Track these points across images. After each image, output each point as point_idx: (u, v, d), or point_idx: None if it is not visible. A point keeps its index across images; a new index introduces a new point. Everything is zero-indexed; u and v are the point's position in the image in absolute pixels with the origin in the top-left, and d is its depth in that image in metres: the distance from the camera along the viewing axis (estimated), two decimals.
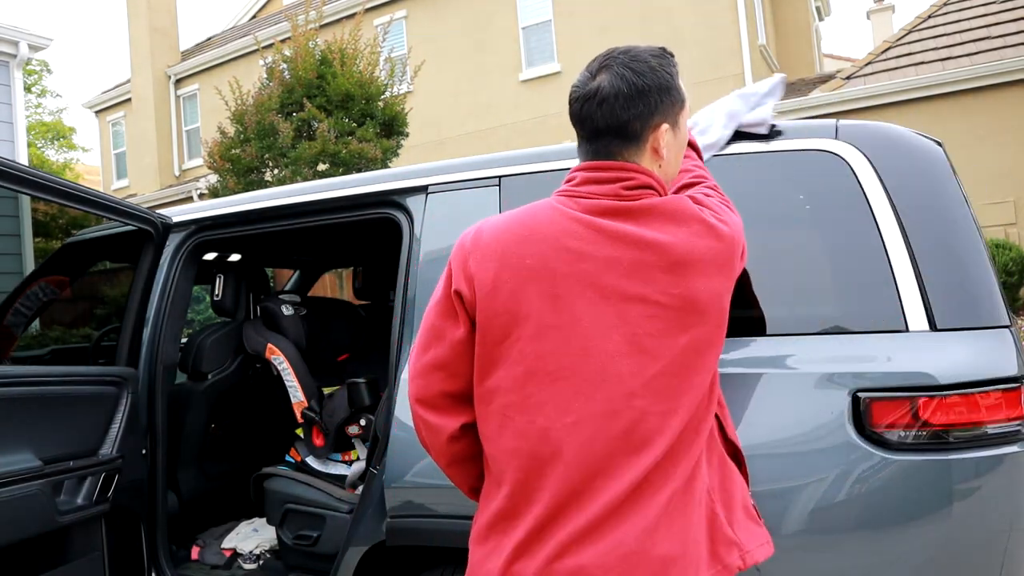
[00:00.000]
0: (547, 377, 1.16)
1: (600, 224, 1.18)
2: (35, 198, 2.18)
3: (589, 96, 1.21)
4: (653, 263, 1.16)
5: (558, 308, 1.16)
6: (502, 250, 1.20)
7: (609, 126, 1.21)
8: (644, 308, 1.15)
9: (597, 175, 1.22)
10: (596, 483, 1.14)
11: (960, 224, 1.64)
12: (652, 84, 1.21)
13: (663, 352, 1.16)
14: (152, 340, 2.51)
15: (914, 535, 1.48)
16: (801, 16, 13.99)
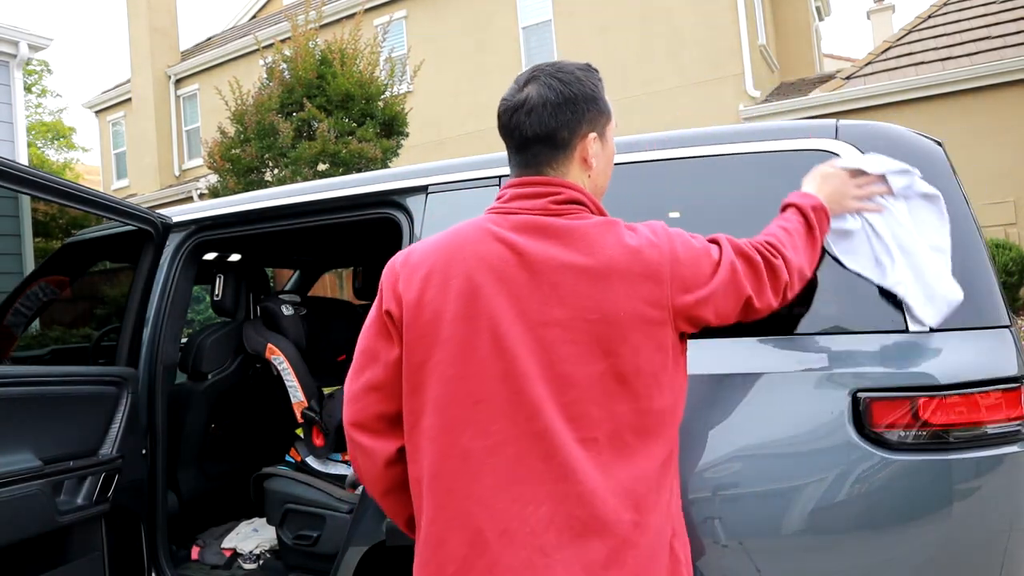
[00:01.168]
0: (468, 400, 1.15)
1: (524, 245, 1.17)
2: (35, 198, 2.18)
3: (518, 106, 1.22)
4: (572, 286, 1.15)
5: (479, 331, 1.15)
6: (428, 271, 1.20)
7: (538, 134, 1.22)
8: (562, 332, 1.14)
9: (526, 190, 1.23)
10: (522, 509, 1.12)
11: (960, 224, 1.63)
12: (579, 93, 1.23)
13: (580, 378, 1.14)
14: (152, 340, 2.51)
15: (914, 535, 1.48)
16: (801, 16, 13.98)
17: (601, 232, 1.18)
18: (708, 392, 1.65)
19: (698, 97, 11.32)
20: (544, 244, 1.17)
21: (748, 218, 1.80)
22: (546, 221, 1.19)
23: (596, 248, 1.17)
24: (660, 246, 1.20)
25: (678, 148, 1.87)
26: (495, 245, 1.19)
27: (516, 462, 1.13)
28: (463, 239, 1.22)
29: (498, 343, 1.15)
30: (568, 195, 1.22)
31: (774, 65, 13.11)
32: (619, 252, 1.17)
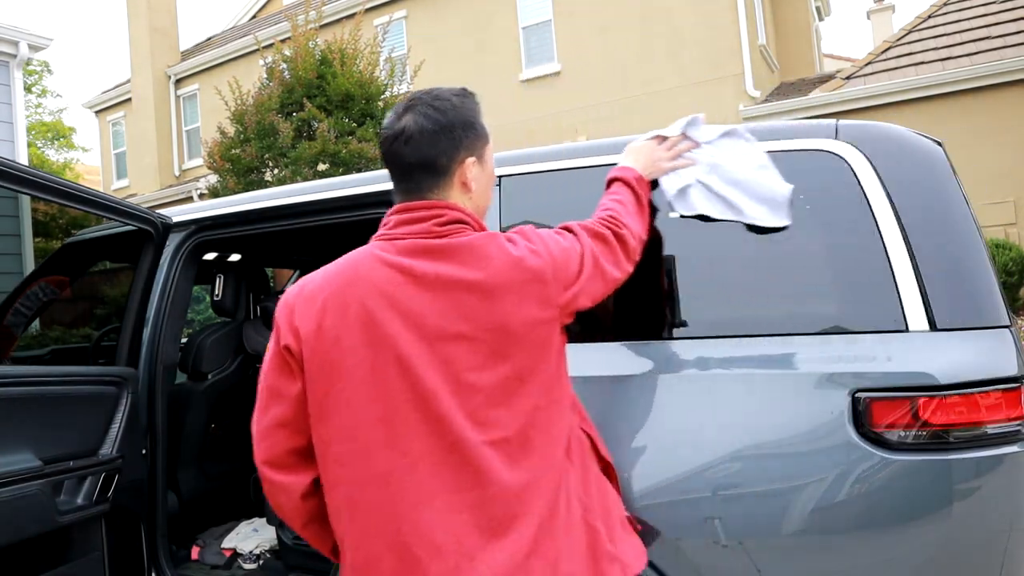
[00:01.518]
0: (377, 422, 1.19)
1: (415, 267, 1.22)
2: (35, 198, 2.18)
3: (396, 135, 1.27)
4: (465, 300, 1.21)
5: (380, 355, 1.19)
6: (323, 302, 1.22)
7: (417, 162, 1.27)
8: (461, 345, 1.20)
9: (409, 215, 1.27)
10: (446, 521, 1.16)
11: (960, 224, 1.64)
12: (455, 120, 1.28)
13: (483, 385, 1.20)
14: (152, 340, 2.51)
15: (914, 535, 1.48)
16: (801, 16, 13.98)
17: (485, 246, 1.25)
18: (707, 391, 1.65)
19: (698, 97, 11.32)
20: (434, 264, 1.22)
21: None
22: (432, 243, 1.24)
23: (484, 262, 1.23)
24: (540, 252, 1.29)
25: None
26: (386, 270, 1.22)
27: (433, 476, 1.18)
28: (355, 268, 1.25)
29: (400, 364, 1.19)
30: (451, 216, 1.27)
31: (774, 65, 13.11)
32: (505, 263, 1.24)
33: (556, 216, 1.98)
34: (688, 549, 1.58)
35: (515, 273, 1.24)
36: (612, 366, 1.77)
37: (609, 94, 12.11)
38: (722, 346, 1.70)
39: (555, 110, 12.55)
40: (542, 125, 12.55)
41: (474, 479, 1.18)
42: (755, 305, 1.74)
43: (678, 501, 1.60)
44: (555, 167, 1.98)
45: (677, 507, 1.60)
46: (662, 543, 1.60)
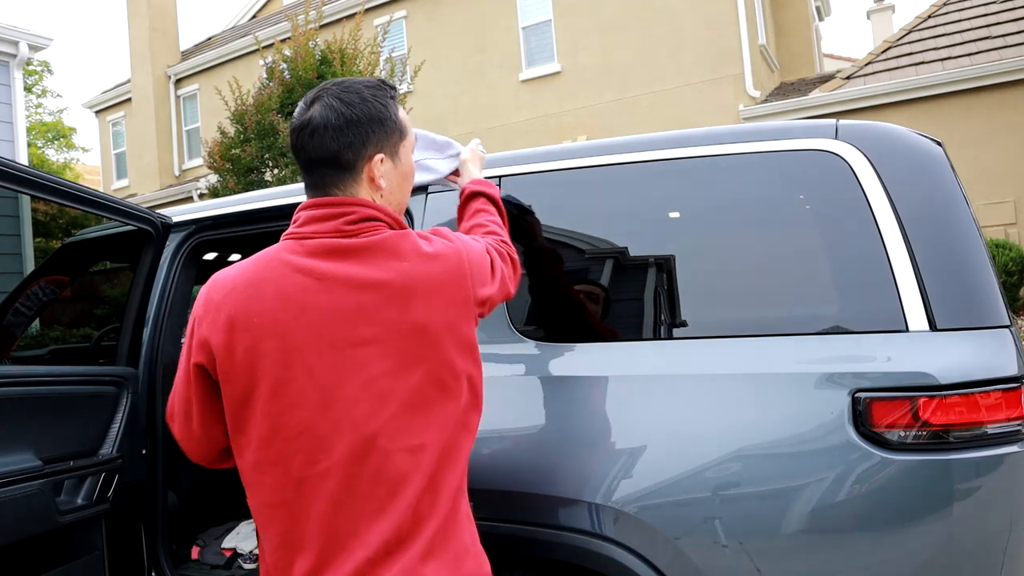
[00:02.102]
0: (291, 431, 1.16)
1: (323, 270, 1.17)
2: (35, 198, 2.18)
3: (303, 127, 1.21)
4: (376, 302, 1.16)
5: (291, 363, 1.15)
6: (230, 312, 1.18)
7: (321, 157, 1.21)
8: (373, 349, 1.15)
9: (318, 212, 1.21)
10: (359, 527, 1.14)
11: (960, 224, 1.64)
12: (362, 114, 1.21)
13: (398, 390, 1.16)
14: (152, 340, 2.51)
15: (914, 535, 1.48)
16: (801, 16, 13.98)
17: (397, 245, 1.20)
18: (708, 391, 1.65)
19: (698, 97, 11.32)
20: (343, 265, 1.17)
21: (748, 218, 1.81)
22: (342, 243, 1.19)
23: (395, 262, 1.18)
24: (457, 248, 1.25)
25: (678, 148, 1.87)
26: (295, 276, 1.18)
27: (347, 483, 1.14)
28: (262, 274, 1.20)
29: (311, 372, 1.15)
30: (361, 213, 1.21)
31: (774, 65, 13.11)
32: (419, 261, 1.19)
33: (556, 216, 1.99)
34: (688, 549, 1.58)
35: (430, 271, 1.20)
36: (612, 366, 1.77)
37: (609, 94, 12.11)
38: (722, 346, 1.70)
39: (555, 110, 12.55)
40: (542, 125, 12.55)
41: (388, 488, 1.15)
42: (755, 305, 1.74)
43: (678, 501, 1.60)
44: (555, 167, 1.98)
45: (677, 507, 1.60)
46: (662, 543, 1.60)
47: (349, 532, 1.14)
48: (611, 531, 1.64)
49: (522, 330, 1.88)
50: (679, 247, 1.84)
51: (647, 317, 1.87)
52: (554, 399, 1.78)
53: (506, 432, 1.80)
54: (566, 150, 2.02)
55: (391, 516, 1.14)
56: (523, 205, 1.95)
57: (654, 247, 1.91)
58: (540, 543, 1.72)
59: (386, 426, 1.15)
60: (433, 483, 1.18)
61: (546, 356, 1.84)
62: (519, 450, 1.77)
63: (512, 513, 1.74)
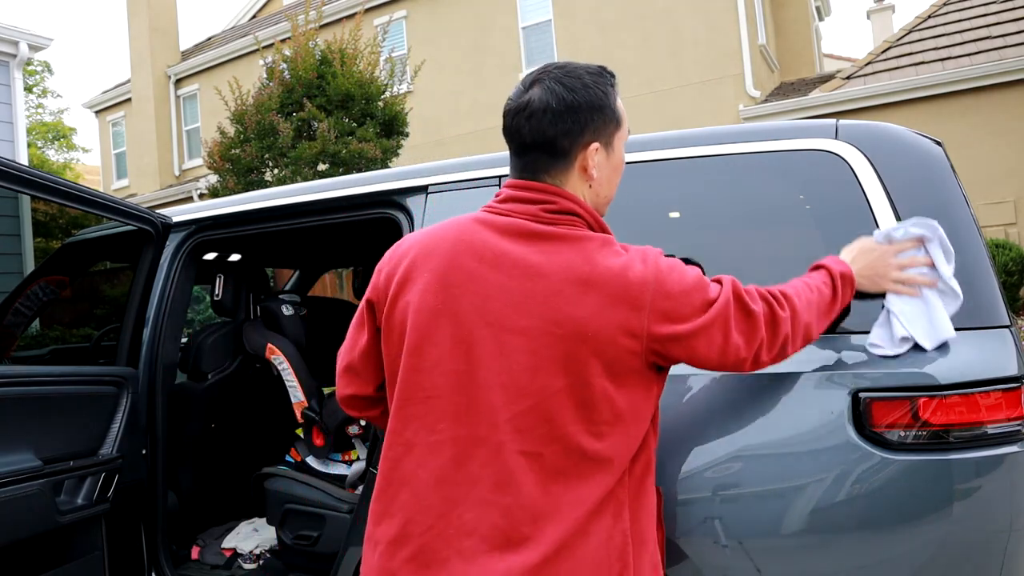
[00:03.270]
0: (421, 392, 1.15)
1: (505, 247, 1.14)
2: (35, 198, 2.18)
3: (520, 109, 1.18)
4: (543, 295, 1.11)
5: (442, 325, 1.14)
6: (409, 264, 1.20)
7: (536, 141, 1.18)
8: (526, 342, 1.11)
9: (521, 194, 1.20)
10: (451, 508, 1.11)
11: (960, 224, 1.63)
12: (583, 101, 1.17)
13: (536, 390, 1.10)
14: (152, 340, 2.51)
15: (914, 535, 1.48)
16: (801, 16, 13.98)
17: (587, 247, 1.14)
18: (708, 391, 1.65)
19: (698, 97, 11.32)
20: (526, 249, 1.14)
21: (748, 218, 1.81)
22: (535, 227, 1.16)
23: (578, 262, 1.12)
24: (646, 271, 1.13)
25: (678, 148, 1.87)
26: (474, 246, 1.16)
27: (454, 463, 1.12)
28: (449, 233, 1.20)
29: (459, 342, 1.13)
30: (563, 205, 1.18)
31: (774, 65, 13.11)
32: (602, 269, 1.12)
33: None
34: (688, 549, 1.58)
35: (608, 283, 1.11)
36: None
37: None
38: None
39: None
40: None
41: (494, 482, 1.10)
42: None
43: (678, 501, 1.60)
44: None
45: (677, 507, 1.60)
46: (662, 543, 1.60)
47: (437, 511, 1.12)
48: None
49: None
50: (679, 247, 1.84)
51: None
52: None
53: None
54: None
55: (484, 511, 1.10)
56: None
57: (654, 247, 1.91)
58: None
59: (512, 422, 1.11)
60: (547, 500, 1.10)
61: None
62: None
63: None
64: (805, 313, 1.28)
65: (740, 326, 1.18)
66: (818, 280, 1.37)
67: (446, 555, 1.10)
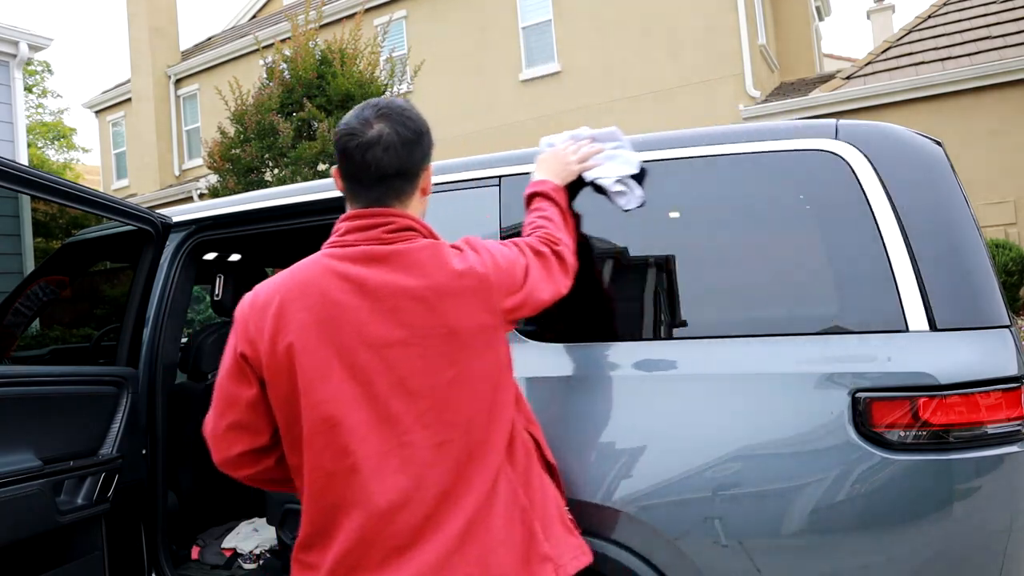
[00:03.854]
0: (325, 424, 1.23)
1: (363, 275, 1.26)
2: (35, 198, 2.18)
3: (372, 143, 1.29)
4: (409, 307, 1.26)
5: (329, 358, 1.24)
6: (277, 310, 1.26)
7: (398, 170, 1.31)
8: (407, 350, 1.25)
9: (360, 223, 1.31)
10: (386, 519, 1.22)
11: (960, 224, 1.64)
12: (423, 129, 1.35)
13: (428, 389, 1.26)
14: (152, 340, 2.51)
15: (914, 535, 1.48)
16: (801, 16, 13.97)
17: (431, 254, 1.30)
18: (708, 391, 1.65)
19: (698, 97, 11.32)
20: (381, 271, 1.27)
21: (748, 218, 1.81)
22: (381, 249, 1.29)
23: (429, 269, 1.28)
24: (484, 260, 1.35)
25: (678, 148, 1.87)
26: (335, 280, 1.26)
27: (373, 478, 1.23)
28: (306, 276, 1.29)
29: (349, 368, 1.24)
30: (400, 223, 1.31)
31: (774, 65, 13.11)
32: (451, 270, 1.29)
33: None
34: (688, 549, 1.58)
35: (462, 279, 1.29)
36: (613, 366, 1.77)
37: (609, 94, 12.11)
38: (722, 346, 1.70)
39: (555, 110, 12.54)
40: (542, 125, 12.54)
41: (416, 482, 1.23)
42: (755, 305, 1.74)
43: (678, 501, 1.60)
44: None
45: (677, 507, 1.60)
46: (662, 543, 1.60)
47: (375, 525, 1.23)
48: (611, 531, 1.64)
49: (522, 331, 1.88)
50: (679, 247, 1.84)
51: (647, 317, 1.87)
52: (554, 400, 1.78)
53: None
54: None
55: (417, 510, 1.23)
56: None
57: (654, 247, 1.91)
58: None
59: (417, 423, 1.25)
60: (461, 481, 1.26)
61: (546, 357, 1.84)
62: None
63: None
64: (564, 234, 1.62)
65: (547, 271, 1.49)
66: (549, 209, 1.67)
67: (384, 557, 1.23)
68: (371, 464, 1.23)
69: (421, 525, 1.23)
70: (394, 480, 1.23)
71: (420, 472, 1.24)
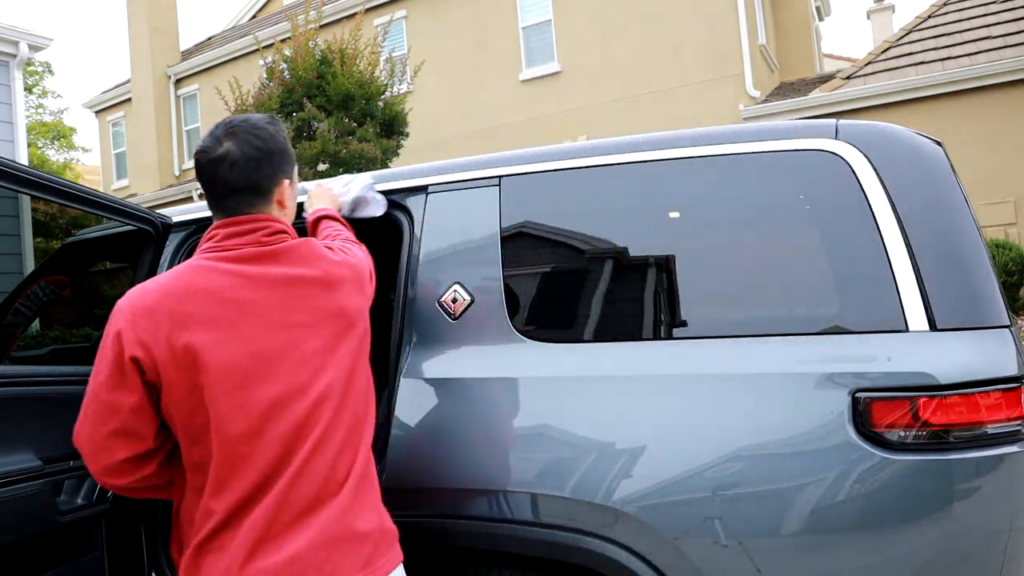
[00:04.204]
0: (240, 411, 1.30)
1: (251, 272, 1.36)
2: (35, 198, 2.18)
3: (219, 160, 1.39)
4: (306, 293, 1.39)
5: (236, 352, 1.31)
6: (169, 312, 1.30)
7: (243, 186, 1.41)
8: (305, 332, 1.37)
9: (237, 229, 1.40)
10: (297, 482, 1.32)
11: (960, 224, 1.64)
12: (274, 148, 1.44)
13: (329, 364, 1.39)
14: None
15: (914, 535, 1.48)
16: (801, 16, 13.98)
17: (308, 250, 1.44)
18: (707, 391, 1.65)
19: (698, 97, 11.32)
20: (268, 267, 1.38)
21: (748, 218, 1.81)
22: (264, 250, 1.39)
23: (312, 261, 1.43)
24: (354, 253, 1.55)
25: (678, 148, 1.87)
26: (224, 277, 1.34)
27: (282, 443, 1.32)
28: (192, 278, 1.35)
29: (254, 355, 1.32)
30: (275, 227, 1.43)
31: (774, 65, 13.12)
32: (331, 261, 1.46)
33: (556, 216, 1.99)
34: (688, 549, 1.58)
35: (341, 268, 1.46)
36: (612, 366, 1.77)
37: (609, 94, 12.11)
38: (722, 346, 1.70)
39: (555, 110, 12.55)
40: (542, 125, 12.55)
41: (321, 445, 1.34)
42: (756, 305, 1.74)
43: (678, 501, 1.60)
44: (555, 167, 1.98)
45: (677, 507, 1.60)
46: (662, 543, 1.60)
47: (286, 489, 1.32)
48: (611, 531, 1.64)
49: (522, 330, 1.88)
50: (679, 247, 1.84)
51: (647, 317, 1.87)
52: (553, 399, 1.78)
53: (505, 432, 1.80)
54: (566, 150, 2.02)
55: (319, 471, 1.33)
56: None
57: (654, 247, 1.91)
58: (540, 543, 1.72)
59: (322, 395, 1.36)
60: (351, 444, 1.40)
61: (546, 356, 1.84)
62: (518, 450, 1.77)
63: (511, 513, 1.74)
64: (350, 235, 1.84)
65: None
66: (337, 225, 1.88)
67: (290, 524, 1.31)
68: (280, 431, 1.31)
69: (324, 484, 1.34)
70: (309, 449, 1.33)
71: (325, 441, 1.35)
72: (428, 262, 2.03)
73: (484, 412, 1.83)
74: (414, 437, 1.89)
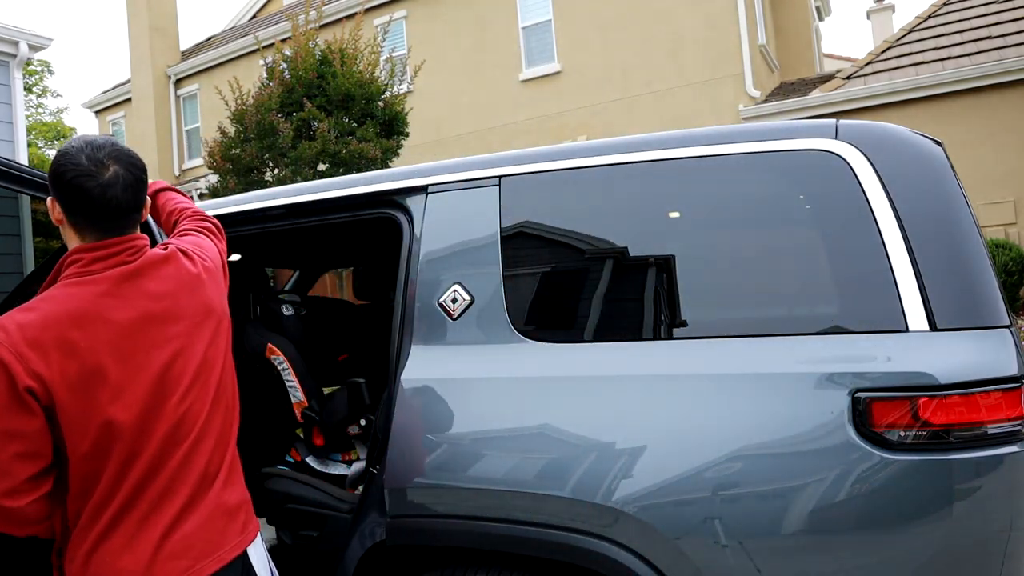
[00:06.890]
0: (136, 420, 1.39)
1: (123, 291, 1.44)
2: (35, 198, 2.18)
3: (111, 183, 1.44)
4: (180, 302, 1.49)
5: (126, 366, 1.39)
6: (57, 340, 1.34)
7: (134, 207, 1.49)
8: (186, 337, 1.48)
9: (104, 252, 1.45)
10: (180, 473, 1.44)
11: (960, 224, 1.64)
12: (145, 168, 1.55)
13: (213, 362, 1.53)
14: None
15: (914, 535, 1.48)
16: (801, 16, 13.98)
17: (165, 258, 1.52)
18: (707, 391, 1.65)
19: (698, 97, 11.32)
20: (139, 282, 1.46)
21: (748, 218, 1.81)
22: (131, 267, 1.46)
23: (176, 271, 1.53)
24: (202, 254, 1.63)
25: (678, 148, 1.87)
26: (104, 300, 1.40)
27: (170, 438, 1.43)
28: (70, 306, 1.38)
29: (144, 369, 1.41)
30: (138, 244, 1.50)
31: (774, 65, 13.11)
32: (192, 267, 1.56)
33: (556, 216, 1.99)
34: (688, 549, 1.58)
35: (203, 272, 1.58)
36: (612, 366, 1.77)
37: (609, 94, 12.11)
38: (723, 346, 1.70)
39: (555, 110, 12.55)
40: (542, 125, 12.55)
41: (202, 434, 1.48)
42: (756, 305, 1.74)
43: (678, 501, 1.60)
44: (555, 167, 1.98)
45: (677, 507, 1.60)
46: (662, 543, 1.60)
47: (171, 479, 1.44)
48: (611, 531, 1.64)
49: (522, 330, 1.88)
50: (679, 247, 1.84)
51: (647, 317, 1.87)
52: (553, 399, 1.78)
53: (505, 432, 1.80)
54: (566, 150, 2.02)
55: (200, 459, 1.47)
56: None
57: (654, 247, 1.91)
58: (539, 543, 1.72)
59: (200, 391, 1.49)
60: (225, 430, 1.55)
61: (546, 356, 1.84)
62: (518, 450, 1.77)
63: (511, 513, 1.74)
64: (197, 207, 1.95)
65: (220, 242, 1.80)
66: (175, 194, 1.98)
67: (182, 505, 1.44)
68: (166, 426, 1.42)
69: (206, 468, 1.48)
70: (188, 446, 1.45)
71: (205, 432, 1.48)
72: (428, 262, 2.03)
73: (484, 412, 1.83)
74: (414, 437, 1.90)
